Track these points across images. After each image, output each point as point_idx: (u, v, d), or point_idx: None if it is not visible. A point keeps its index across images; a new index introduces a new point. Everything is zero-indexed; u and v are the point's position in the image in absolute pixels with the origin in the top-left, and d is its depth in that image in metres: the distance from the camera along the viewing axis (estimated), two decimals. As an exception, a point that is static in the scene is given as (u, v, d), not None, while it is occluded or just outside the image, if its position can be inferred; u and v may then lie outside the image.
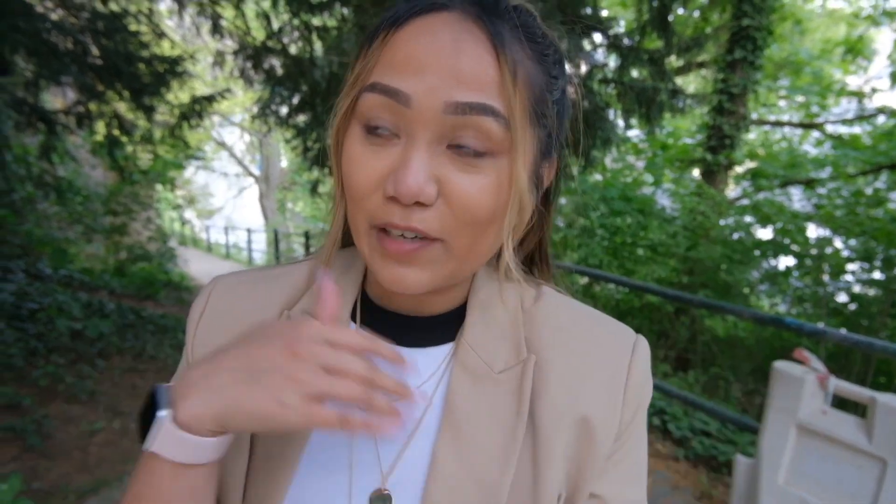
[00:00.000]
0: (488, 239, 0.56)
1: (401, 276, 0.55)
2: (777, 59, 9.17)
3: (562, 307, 0.69)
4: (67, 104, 4.73)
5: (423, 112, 0.50)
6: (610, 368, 0.65)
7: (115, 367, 4.77)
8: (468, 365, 0.63)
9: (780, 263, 6.65)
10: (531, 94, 0.53)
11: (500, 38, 0.51)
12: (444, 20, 0.51)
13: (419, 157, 0.50)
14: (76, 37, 3.78)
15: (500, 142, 0.51)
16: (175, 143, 6.24)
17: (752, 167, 8.19)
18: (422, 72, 0.50)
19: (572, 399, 0.62)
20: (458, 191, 0.51)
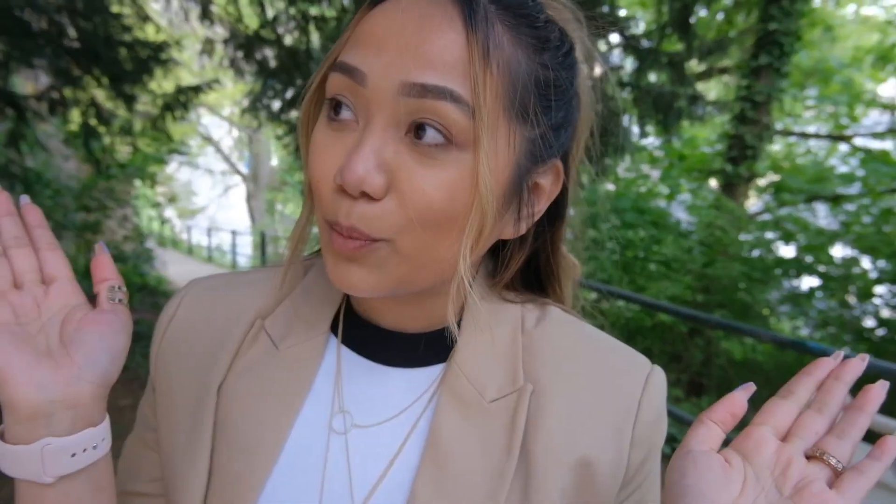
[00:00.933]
0: (447, 244, 0.51)
1: (346, 275, 0.52)
2: (805, 66, 9.18)
3: (568, 331, 0.66)
4: (40, 89, 4.71)
5: (378, 92, 0.47)
6: (618, 404, 0.61)
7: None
8: (457, 391, 0.60)
9: (802, 284, 6.64)
10: (511, 83, 0.50)
11: (473, 14, 0.47)
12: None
13: (370, 143, 0.47)
14: (52, 16, 3.76)
15: (465, 133, 0.48)
16: (157, 136, 6.24)
17: (774, 180, 8.20)
18: (381, 49, 0.48)
19: (572, 437, 0.59)
20: (411, 184, 0.48)
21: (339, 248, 0.51)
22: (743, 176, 7.58)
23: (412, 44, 0.47)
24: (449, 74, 0.46)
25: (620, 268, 7.11)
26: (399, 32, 0.47)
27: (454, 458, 0.57)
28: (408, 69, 0.46)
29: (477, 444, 0.57)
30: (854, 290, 6.07)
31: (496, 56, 0.48)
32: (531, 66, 0.51)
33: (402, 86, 0.46)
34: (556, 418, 0.58)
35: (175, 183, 25.21)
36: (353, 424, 0.60)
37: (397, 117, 0.48)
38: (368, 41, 0.49)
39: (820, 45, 9.98)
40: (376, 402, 0.61)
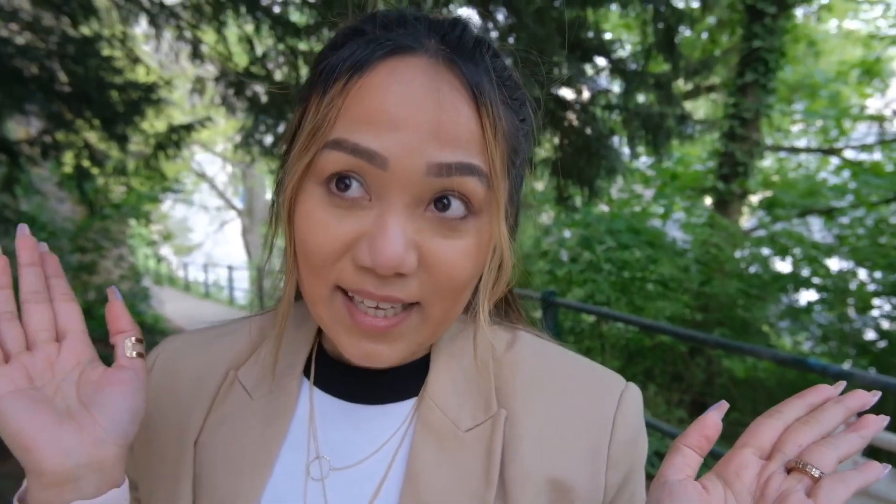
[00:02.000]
0: (464, 300, 0.55)
1: (373, 353, 0.53)
2: (791, 81, 9.26)
3: (538, 353, 0.65)
4: (32, 134, 4.73)
5: (402, 175, 0.47)
6: (592, 424, 0.60)
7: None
8: (431, 424, 0.59)
9: (801, 298, 6.63)
10: (508, 146, 0.53)
11: (479, 87, 0.49)
12: (415, 66, 0.48)
13: (397, 224, 0.48)
14: (43, 62, 3.79)
15: (482, 201, 0.50)
16: (150, 175, 6.24)
17: (767, 196, 8.22)
18: (398, 129, 0.47)
19: (548, 461, 0.58)
20: (439, 258, 0.50)
21: (369, 327, 0.51)
22: (735, 193, 7.62)
23: (430, 122, 0.47)
24: (468, 150, 0.48)
25: (618, 289, 7.10)
26: (415, 110, 0.47)
27: (433, 492, 0.56)
28: (432, 150, 0.47)
29: (455, 475, 0.57)
30: (853, 303, 6.06)
31: (500, 127, 0.50)
32: (514, 123, 0.54)
33: (430, 167, 0.47)
34: (530, 443, 0.58)
35: (170, 220, 25.22)
36: (330, 469, 0.60)
37: (419, 195, 0.48)
38: (379, 119, 0.47)
39: (805, 60, 10.08)
40: (352, 443, 0.61)
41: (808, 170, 9.54)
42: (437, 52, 0.49)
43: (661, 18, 4.57)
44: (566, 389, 0.61)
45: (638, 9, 4.53)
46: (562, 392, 0.61)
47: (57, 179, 6.90)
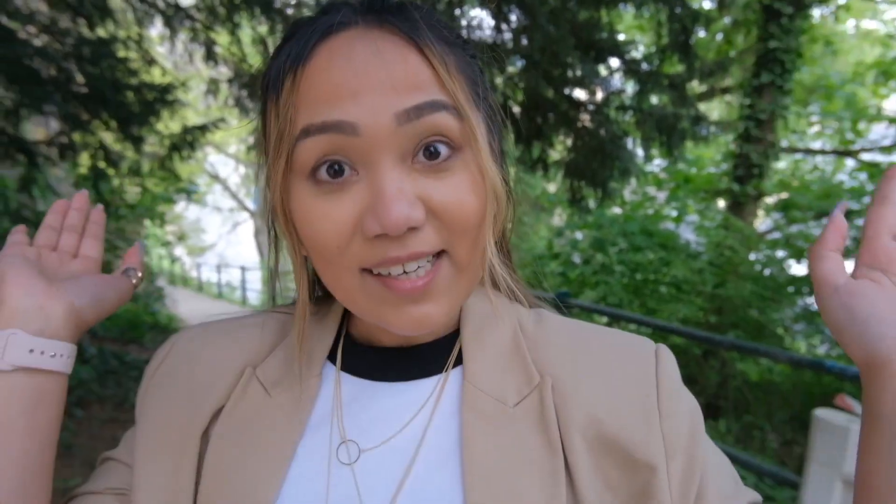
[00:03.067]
0: (483, 239, 0.53)
1: (421, 316, 0.53)
2: (807, 83, 9.21)
3: (567, 325, 0.65)
4: (50, 134, 4.78)
5: (376, 135, 0.48)
6: (636, 382, 0.59)
7: (95, 418, 4.73)
8: (478, 407, 0.58)
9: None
10: (467, 80, 0.53)
11: (417, 33, 0.50)
12: (351, 37, 0.50)
13: (391, 182, 0.48)
14: (60, 63, 3.83)
15: (459, 135, 0.50)
16: (165, 176, 6.29)
17: (783, 198, 8.18)
18: (355, 95, 0.48)
19: (599, 420, 0.57)
20: (443, 200, 0.50)
21: (409, 290, 0.51)
22: (750, 195, 7.58)
23: (384, 77, 0.48)
24: (429, 89, 0.49)
25: (630, 291, 7.09)
26: (364, 72, 0.48)
27: (500, 476, 0.54)
28: (395, 101, 0.48)
29: (516, 452, 0.56)
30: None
31: (450, 63, 0.51)
32: (464, 60, 0.55)
33: (398, 117, 0.48)
34: (581, 405, 0.57)
35: (184, 221, 25.38)
36: (359, 451, 0.59)
37: (401, 149, 0.49)
38: (334, 94, 0.48)
39: (821, 61, 10.02)
40: (379, 420, 0.60)
41: (825, 172, 9.49)
42: (366, 20, 0.51)
43: (676, 19, 4.55)
44: (603, 353, 0.61)
45: (652, 9, 4.52)
46: (599, 356, 0.61)
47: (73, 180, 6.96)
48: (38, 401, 0.60)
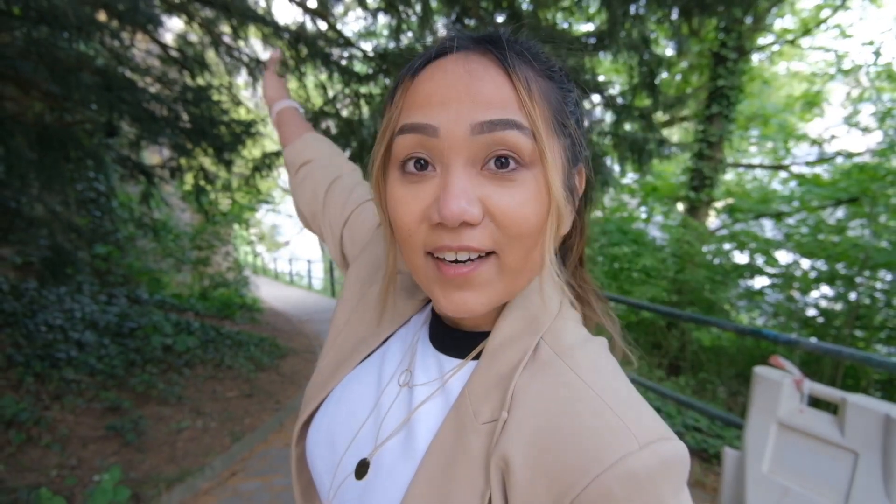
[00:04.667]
0: (537, 250, 0.49)
1: (460, 301, 0.48)
2: (748, 112, 9.08)
3: (569, 376, 0.47)
4: (163, 160, 4.85)
5: (452, 139, 0.45)
6: (568, 472, 0.41)
7: (199, 376, 4.81)
8: (460, 413, 0.50)
9: (755, 283, 6.51)
10: (549, 106, 0.48)
11: (508, 60, 0.47)
12: (453, 60, 0.48)
13: (457, 181, 0.45)
14: (170, 105, 3.88)
15: (530, 153, 0.46)
16: (249, 191, 6.34)
17: (729, 203, 8.08)
18: (444, 104, 0.46)
19: (511, 472, 0.44)
20: (501, 206, 0.46)
21: (453, 274, 0.47)
22: (703, 200, 7.51)
23: (470, 93, 0.45)
24: (506, 109, 0.45)
25: (610, 276, 7.04)
26: (454, 87, 0.46)
27: (443, 479, 0.48)
28: (473, 113, 0.45)
29: (466, 463, 0.47)
30: (798, 287, 5.93)
31: (533, 87, 0.47)
32: (554, 90, 0.50)
33: (473, 127, 0.45)
34: (510, 455, 0.44)
35: (263, 225, 25.60)
36: (410, 384, 0.58)
37: (472, 155, 0.46)
38: (428, 102, 0.47)
39: (759, 95, 9.87)
40: (419, 372, 0.58)
41: (762, 181, 9.35)
42: (471, 46, 0.49)
43: (644, 64, 4.50)
44: (571, 424, 0.43)
45: (625, 56, 4.47)
46: (566, 423, 0.43)
47: (180, 195, 7.05)
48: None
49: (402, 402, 0.57)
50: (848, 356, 2.65)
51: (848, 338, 5.24)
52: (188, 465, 3.36)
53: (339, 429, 0.61)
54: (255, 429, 3.98)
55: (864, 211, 5.76)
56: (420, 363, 0.59)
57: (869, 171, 6.17)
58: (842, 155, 8.15)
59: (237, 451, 3.69)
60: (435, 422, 0.53)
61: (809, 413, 2.22)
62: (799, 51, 10.44)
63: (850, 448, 2.02)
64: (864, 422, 2.00)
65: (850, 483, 2.00)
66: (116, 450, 3.39)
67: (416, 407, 0.55)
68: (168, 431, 3.74)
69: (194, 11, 4.44)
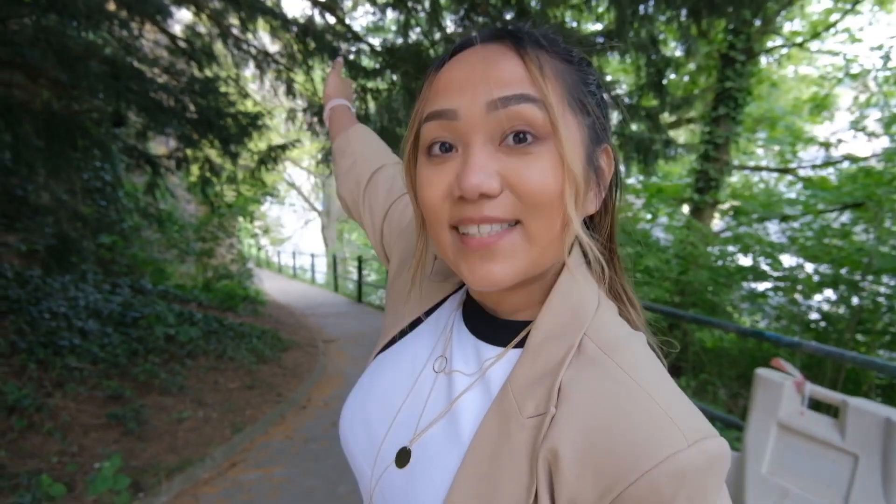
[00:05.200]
0: (559, 221, 0.48)
1: (486, 272, 0.48)
2: (755, 114, 9.03)
3: (619, 374, 0.46)
4: (169, 150, 4.86)
5: (470, 119, 0.47)
6: (616, 467, 0.42)
7: (201, 366, 4.82)
8: (503, 408, 0.50)
9: (759, 286, 6.49)
10: (563, 83, 0.50)
11: (521, 44, 0.49)
12: (471, 51, 0.50)
13: (476, 157, 0.47)
14: (177, 96, 3.89)
15: (544, 125, 0.47)
16: (254, 183, 6.36)
17: (734, 205, 8.05)
18: (462, 89, 0.48)
19: (560, 469, 0.44)
20: (519, 177, 0.47)
21: (476, 245, 0.48)
22: (708, 202, 7.48)
23: (484, 76, 0.47)
24: (519, 85, 0.47)
25: (613, 276, 7.02)
26: (471, 73, 0.48)
27: (491, 467, 0.48)
28: (488, 93, 0.47)
29: (510, 456, 0.47)
30: (801, 290, 5.91)
31: (546, 66, 0.48)
32: (571, 71, 0.51)
33: (488, 105, 0.46)
34: (560, 449, 0.45)
35: (268, 218, 25.65)
36: (450, 369, 0.58)
37: (490, 133, 0.47)
38: (448, 89, 0.49)
39: (767, 97, 9.83)
40: (457, 358, 0.58)
41: (768, 184, 9.32)
42: (490, 38, 0.51)
43: (651, 64, 4.49)
44: (618, 421, 0.43)
45: (633, 57, 4.46)
46: (613, 420, 0.44)
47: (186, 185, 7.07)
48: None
49: (441, 389, 0.57)
50: (850, 359, 2.65)
51: (850, 342, 5.22)
52: (189, 455, 3.38)
53: (375, 413, 0.61)
54: (256, 420, 3.99)
55: (869, 215, 5.73)
56: (458, 349, 0.59)
57: (875, 176, 6.13)
58: (849, 159, 8.12)
59: (238, 442, 3.70)
60: (478, 411, 0.53)
61: (810, 415, 2.22)
62: (807, 54, 10.39)
63: (850, 451, 2.02)
64: (864, 425, 2.00)
65: (849, 486, 2.00)
66: (117, 438, 3.40)
67: (457, 396, 0.55)
68: (169, 421, 3.76)
69: (203, 3, 4.44)
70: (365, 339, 7.46)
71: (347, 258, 19.02)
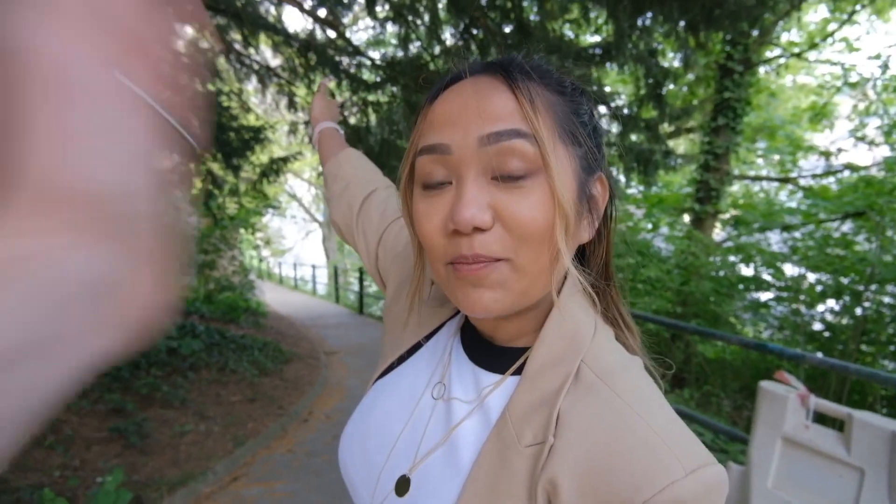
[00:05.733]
0: (549, 254, 0.49)
1: (476, 298, 0.49)
2: (754, 124, 9.06)
3: (616, 402, 0.46)
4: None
5: (463, 153, 0.48)
6: (614, 498, 0.42)
7: (203, 379, 4.81)
8: (502, 436, 0.50)
9: (761, 296, 6.48)
10: (555, 116, 0.50)
11: (512, 77, 0.49)
12: (463, 84, 0.51)
13: (468, 191, 0.48)
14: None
15: (535, 160, 0.47)
16: (256, 195, 6.39)
17: (734, 215, 8.06)
18: (455, 123, 0.49)
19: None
20: (510, 212, 0.47)
21: (467, 273, 0.49)
22: (709, 212, 7.48)
23: (477, 110, 0.48)
24: (510, 120, 0.47)
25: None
26: (464, 107, 0.49)
27: (490, 496, 0.48)
28: (481, 127, 0.47)
29: (508, 485, 0.47)
30: (804, 300, 5.90)
31: (537, 99, 0.49)
32: (562, 102, 0.52)
33: (480, 140, 0.47)
34: (558, 480, 0.45)
35: (269, 229, 25.66)
36: (448, 396, 0.58)
37: (482, 167, 0.48)
38: (442, 122, 0.50)
39: (766, 107, 9.86)
40: (455, 385, 0.59)
41: (768, 193, 9.33)
42: (482, 71, 0.51)
43: (650, 75, 4.52)
44: (616, 449, 0.43)
45: (632, 67, 4.48)
46: (611, 449, 0.44)
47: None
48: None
49: (439, 416, 0.57)
50: (854, 372, 2.63)
51: (854, 352, 5.20)
52: (191, 469, 3.36)
53: (374, 440, 0.62)
54: (258, 434, 3.98)
55: (870, 225, 5.73)
56: (456, 376, 0.59)
57: (875, 185, 6.14)
58: (849, 168, 8.13)
59: (240, 455, 3.68)
60: (477, 439, 0.53)
61: (815, 429, 2.21)
62: (806, 64, 10.44)
63: (856, 465, 2.01)
64: (870, 439, 1.98)
65: (855, 501, 1.98)
66: (119, 452, 3.39)
67: (456, 424, 0.55)
68: (171, 434, 3.74)
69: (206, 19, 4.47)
70: (367, 351, 7.43)
71: (349, 269, 19.01)
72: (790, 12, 6.19)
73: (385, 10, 4.65)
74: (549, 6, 4.35)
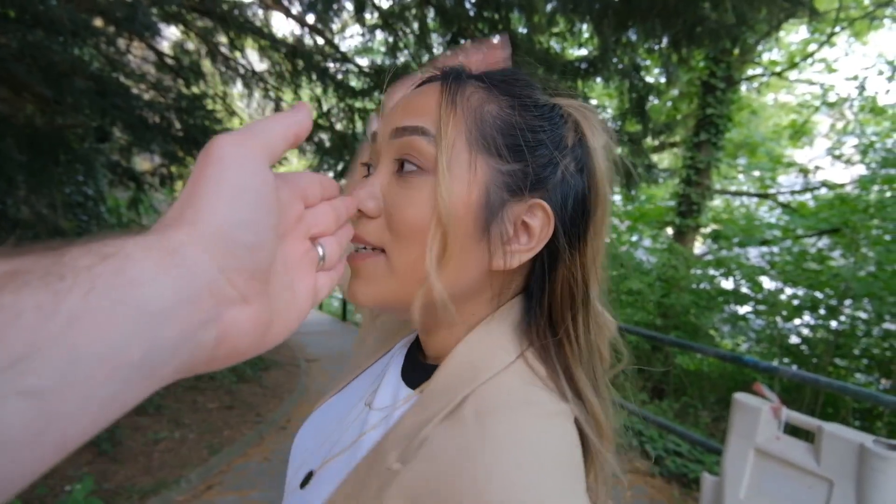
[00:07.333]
0: (423, 260, 0.46)
1: (353, 290, 0.50)
2: (736, 140, 9.23)
3: (471, 441, 0.40)
4: (153, 166, 4.83)
5: (381, 142, 0.51)
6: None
7: (179, 385, 4.74)
8: (377, 451, 0.47)
9: (740, 309, 6.57)
10: (477, 121, 0.47)
11: (452, 80, 0.49)
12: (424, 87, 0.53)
13: (373, 179, 0.50)
14: (163, 113, 3.88)
15: (432, 160, 0.46)
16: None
17: (715, 229, 8.17)
18: (386, 115, 0.52)
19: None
20: (392, 203, 0.48)
21: (350, 260, 0.50)
22: (690, 226, 7.59)
23: (404, 105, 0.50)
24: (423, 118, 0.48)
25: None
26: (397, 103, 0.52)
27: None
28: (397, 120, 0.49)
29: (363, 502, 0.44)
30: (781, 314, 5.99)
31: (463, 102, 0.48)
32: (508, 114, 0.48)
33: (392, 132, 0.49)
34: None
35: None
36: (373, 405, 0.57)
37: (391, 158, 0.50)
38: (383, 114, 0.53)
39: (747, 124, 10.04)
40: (380, 395, 0.57)
41: (748, 209, 9.48)
42: (437, 78, 0.53)
43: (634, 90, 4.58)
44: (442, 493, 0.38)
45: (617, 82, 4.55)
46: (436, 493, 0.38)
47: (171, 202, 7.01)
48: None
49: (359, 422, 0.57)
50: (825, 385, 2.69)
51: (829, 366, 5.28)
52: (164, 477, 3.31)
53: (311, 442, 0.63)
54: (234, 441, 3.93)
55: (845, 241, 5.85)
56: (384, 387, 0.59)
57: (850, 203, 6.27)
58: (826, 186, 8.29)
59: (215, 463, 3.63)
60: (370, 448, 0.51)
61: (786, 440, 2.24)
62: (786, 82, 10.65)
63: (825, 476, 2.04)
64: (838, 451, 2.02)
65: (825, 512, 2.02)
66: (90, 459, 3.32)
67: (364, 431, 0.54)
68: (144, 442, 3.68)
69: (192, 21, 4.47)
70: (348, 359, 7.38)
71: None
72: (770, 32, 6.33)
73: (374, 18, 4.67)
74: (537, 19, 4.40)
